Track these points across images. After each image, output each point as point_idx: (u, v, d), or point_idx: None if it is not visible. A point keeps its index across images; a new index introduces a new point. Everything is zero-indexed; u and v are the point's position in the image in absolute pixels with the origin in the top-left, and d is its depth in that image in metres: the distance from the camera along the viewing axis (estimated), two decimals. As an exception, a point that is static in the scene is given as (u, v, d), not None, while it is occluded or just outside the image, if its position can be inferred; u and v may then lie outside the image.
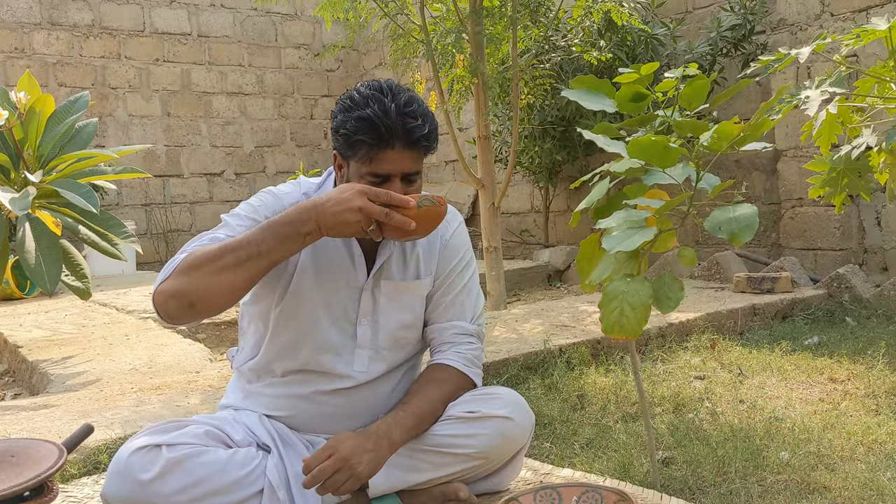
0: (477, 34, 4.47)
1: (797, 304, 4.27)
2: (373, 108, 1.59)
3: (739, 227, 1.56)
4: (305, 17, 9.83)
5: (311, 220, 1.52)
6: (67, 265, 3.80)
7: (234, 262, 1.52)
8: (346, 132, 1.62)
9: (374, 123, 1.58)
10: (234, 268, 1.52)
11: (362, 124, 1.59)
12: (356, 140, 1.61)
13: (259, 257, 1.52)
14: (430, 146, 1.66)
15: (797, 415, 2.64)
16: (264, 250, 1.52)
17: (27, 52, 8.10)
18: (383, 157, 1.61)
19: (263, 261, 1.53)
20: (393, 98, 1.62)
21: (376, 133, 1.59)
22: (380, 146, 1.60)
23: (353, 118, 1.61)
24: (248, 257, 1.52)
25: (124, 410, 2.77)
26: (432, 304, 1.87)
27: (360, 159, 1.63)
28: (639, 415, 2.72)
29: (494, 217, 4.78)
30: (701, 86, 1.92)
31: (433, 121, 1.68)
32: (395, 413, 1.72)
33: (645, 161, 1.74)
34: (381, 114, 1.58)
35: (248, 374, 1.85)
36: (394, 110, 1.59)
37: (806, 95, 2.25)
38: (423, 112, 1.65)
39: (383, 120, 1.58)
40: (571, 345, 3.37)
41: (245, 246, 1.52)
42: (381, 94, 1.63)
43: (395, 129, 1.59)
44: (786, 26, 5.59)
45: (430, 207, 1.58)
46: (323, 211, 1.52)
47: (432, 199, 1.59)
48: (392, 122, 1.59)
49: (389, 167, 1.62)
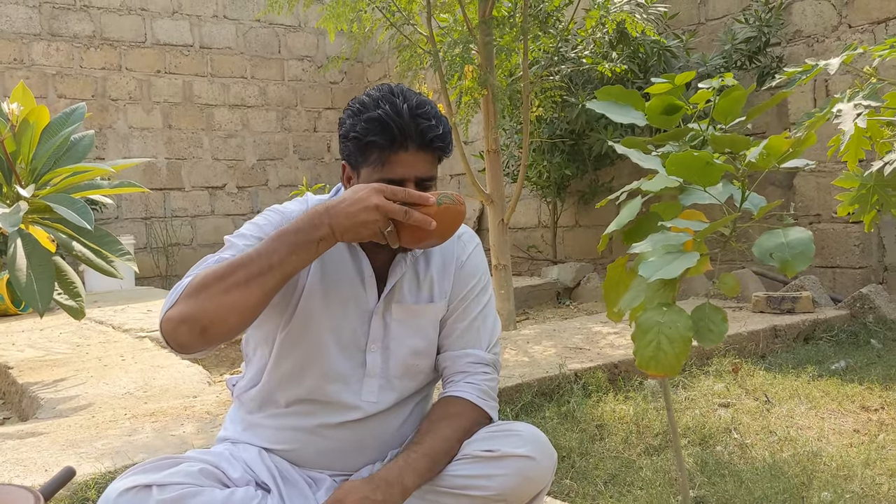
0: (486, 44, 4.33)
1: (819, 326, 4.10)
2: (384, 108, 1.50)
3: (793, 254, 1.40)
4: (309, 28, 9.71)
5: (323, 224, 1.39)
6: (60, 283, 3.64)
7: (245, 278, 1.38)
8: (356, 135, 1.51)
9: (387, 124, 1.48)
10: (246, 284, 1.38)
11: (374, 125, 1.49)
12: (367, 142, 1.50)
13: (271, 270, 1.39)
14: (445, 148, 1.56)
15: (833, 449, 2.47)
16: (276, 262, 1.39)
17: (26, 63, 7.97)
18: (396, 159, 1.50)
19: (276, 274, 1.39)
20: (405, 99, 1.52)
21: (389, 134, 1.48)
22: (392, 148, 1.49)
23: (364, 120, 1.51)
24: (260, 272, 1.38)
25: (115, 440, 2.61)
26: (446, 329, 1.73)
27: (372, 164, 1.52)
28: (663, 447, 2.55)
29: (504, 234, 4.62)
30: (738, 97, 1.76)
31: (446, 123, 1.58)
32: (407, 454, 1.56)
33: (684, 178, 1.58)
34: (393, 114, 1.49)
35: (249, 403, 1.71)
36: (406, 111, 1.50)
37: (838, 109, 2.10)
38: (436, 114, 1.55)
39: (396, 120, 1.48)
40: (587, 369, 3.20)
41: (255, 260, 1.39)
42: (392, 96, 1.53)
43: (408, 130, 1.49)
44: (802, 38, 5.45)
45: (450, 205, 1.46)
46: (337, 212, 1.39)
47: (451, 197, 1.47)
48: (405, 123, 1.49)
49: (403, 171, 1.51)
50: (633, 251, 1.55)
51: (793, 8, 5.50)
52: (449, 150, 1.59)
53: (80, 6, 8.24)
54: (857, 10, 5.14)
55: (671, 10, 6.11)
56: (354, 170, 1.57)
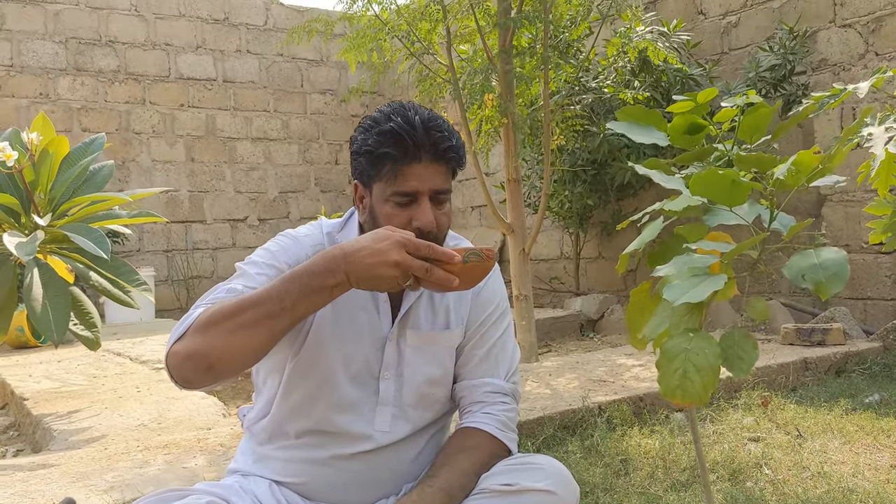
0: (507, 73, 4.30)
1: (851, 358, 3.97)
2: (396, 121, 1.47)
3: (827, 275, 1.31)
4: (331, 62, 9.78)
5: (340, 271, 1.32)
6: (77, 313, 3.61)
7: (254, 319, 1.32)
8: (368, 148, 1.48)
9: (399, 135, 1.45)
10: (255, 326, 1.32)
11: (386, 138, 1.46)
12: (380, 154, 1.46)
13: (282, 314, 1.32)
14: (459, 160, 1.52)
15: (869, 485, 2.35)
16: (287, 306, 1.32)
17: (52, 97, 8.08)
18: (410, 172, 1.46)
19: (286, 317, 1.33)
20: (416, 112, 1.50)
21: (402, 145, 1.45)
22: (406, 159, 1.46)
23: (376, 133, 1.48)
24: (269, 314, 1.32)
25: (125, 472, 2.55)
26: (463, 357, 1.67)
27: (385, 177, 1.48)
28: (690, 483, 2.44)
29: (525, 264, 4.55)
30: (764, 115, 1.69)
31: (459, 138, 1.54)
32: (421, 489, 1.49)
33: (709, 198, 1.51)
34: (406, 125, 1.46)
35: (260, 434, 1.64)
36: (419, 123, 1.47)
37: (869, 133, 2.02)
38: (448, 127, 1.52)
39: (408, 131, 1.45)
40: (611, 402, 3.10)
41: (266, 301, 1.33)
42: (404, 110, 1.51)
43: (421, 141, 1.46)
44: (828, 66, 5.38)
45: (476, 262, 1.36)
46: (355, 262, 1.31)
47: (479, 253, 1.37)
48: (418, 134, 1.46)
49: (417, 184, 1.46)
50: (656, 274, 1.48)
51: (818, 36, 5.44)
52: (462, 162, 1.55)
53: (105, 41, 8.36)
54: (884, 38, 5.06)
55: (694, 38, 6.07)
56: (367, 187, 1.53)
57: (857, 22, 5.20)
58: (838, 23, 5.31)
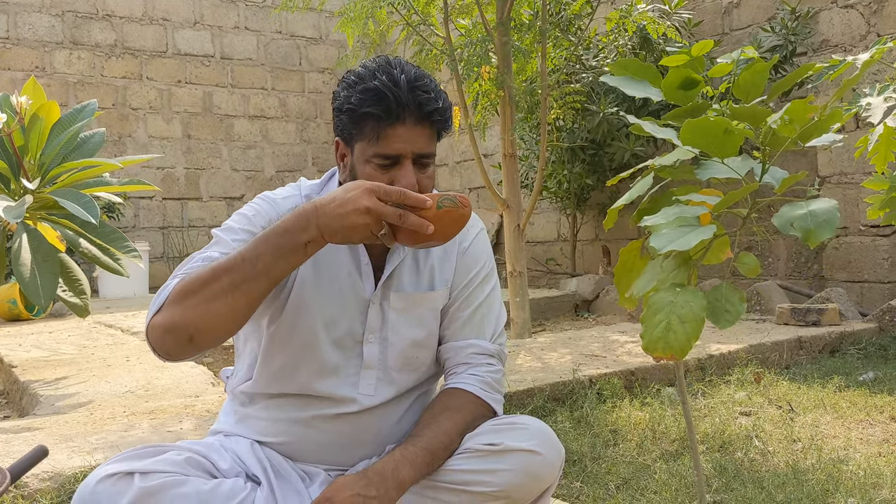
0: (504, 45, 4.25)
1: (846, 338, 3.95)
2: (381, 79, 1.40)
3: (816, 222, 1.28)
4: (330, 40, 9.71)
5: (311, 225, 1.28)
6: (65, 280, 3.58)
7: (230, 284, 1.28)
8: (351, 106, 1.41)
9: (383, 94, 1.38)
10: (231, 292, 1.28)
11: (369, 95, 1.39)
12: (362, 113, 1.40)
13: (257, 277, 1.28)
14: (445, 123, 1.45)
15: (861, 457, 2.33)
16: (261, 268, 1.28)
17: (48, 70, 8.01)
18: (393, 133, 1.40)
19: (262, 280, 1.29)
20: (402, 70, 1.42)
21: (385, 104, 1.38)
22: (389, 119, 1.39)
23: (360, 91, 1.41)
24: (245, 278, 1.28)
25: (111, 435, 2.52)
26: (448, 319, 1.62)
27: (367, 137, 1.41)
28: (679, 453, 2.42)
29: (519, 240, 4.51)
30: (760, 71, 1.66)
31: (447, 99, 1.47)
32: (404, 448, 1.45)
33: (700, 149, 1.47)
34: (390, 84, 1.39)
35: (242, 396, 1.61)
36: (404, 82, 1.40)
37: (867, 102, 1.98)
38: (435, 87, 1.45)
39: (393, 90, 1.38)
40: (602, 375, 3.08)
41: (240, 266, 1.29)
42: (389, 67, 1.43)
43: (405, 101, 1.39)
44: (829, 47, 5.33)
45: (451, 208, 1.32)
46: (325, 213, 1.28)
47: (454, 199, 1.33)
48: (402, 94, 1.39)
49: (400, 146, 1.40)
50: (644, 224, 1.44)
51: (819, 17, 5.39)
52: (448, 125, 1.48)
53: (102, 15, 8.29)
54: (886, 18, 5.01)
55: (695, 17, 6.01)
56: (348, 145, 1.47)
57: (859, 2, 5.15)
58: (840, 3, 5.26)
